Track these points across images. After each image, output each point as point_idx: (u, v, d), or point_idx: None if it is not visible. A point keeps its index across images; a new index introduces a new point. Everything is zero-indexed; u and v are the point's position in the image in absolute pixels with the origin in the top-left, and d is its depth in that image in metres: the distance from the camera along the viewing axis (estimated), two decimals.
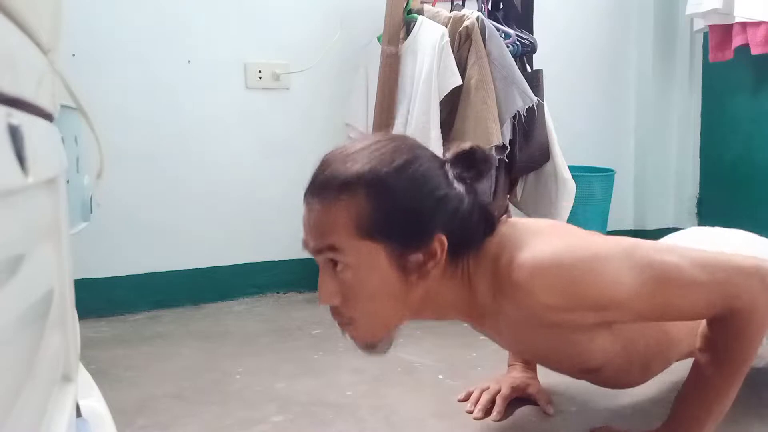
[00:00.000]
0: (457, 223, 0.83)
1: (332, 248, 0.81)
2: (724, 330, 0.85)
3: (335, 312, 0.87)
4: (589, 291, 0.80)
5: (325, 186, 0.82)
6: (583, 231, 0.91)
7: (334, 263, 0.82)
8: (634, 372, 0.98)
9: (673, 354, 1.01)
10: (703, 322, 0.88)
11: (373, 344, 0.90)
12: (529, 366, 1.20)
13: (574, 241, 0.84)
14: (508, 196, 1.89)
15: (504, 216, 0.89)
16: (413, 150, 0.84)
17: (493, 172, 1.72)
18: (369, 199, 0.79)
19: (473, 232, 0.85)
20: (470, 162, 0.86)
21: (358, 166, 0.81)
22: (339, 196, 0.80)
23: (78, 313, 0.63)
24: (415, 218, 0.81)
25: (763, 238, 1.19)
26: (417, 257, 0.82)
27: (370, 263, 0.81)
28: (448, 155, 0.87)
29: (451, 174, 0.85)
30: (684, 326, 0.97)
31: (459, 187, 0.84)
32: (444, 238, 0.82)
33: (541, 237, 0.84)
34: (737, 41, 2.19)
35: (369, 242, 0.80)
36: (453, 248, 0.83)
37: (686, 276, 0.81)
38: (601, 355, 0.91)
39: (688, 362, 0.91)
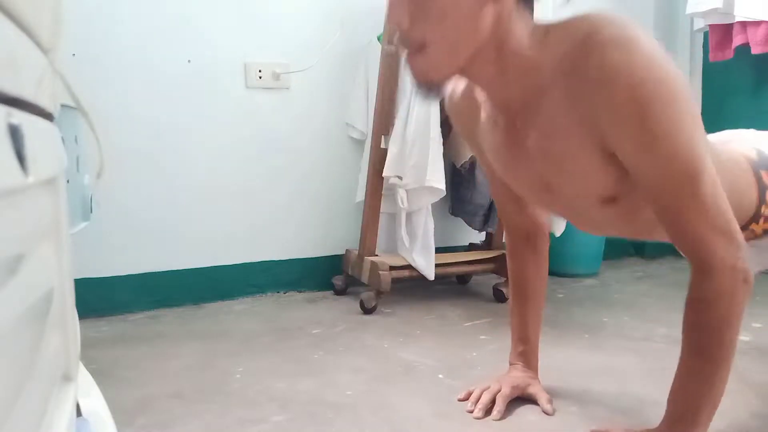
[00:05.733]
0: None
1: None
2: (700, 312, 0.85)
3: (404, 36, 0.83)
4: (655, 107, 0.77)
5: None
6: None
7: None
8: (648, 216, 0.93)
9: None
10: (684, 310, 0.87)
11: (435, 79, 0.86)
12: (530, 366, 1.20)
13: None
14: None
15: None
16: None
17: None
18: None
19: None
20: None
21: None
22: None
23: (78, 313, 0.63)
24: None
25: None
26: None
27: None
28: None
29: None
30: None
31: None
32: None
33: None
34: (737, 41, 2.20)
35: None
36: None
37: (705, 195, 0.81)
38: (616, 185, 0.89)
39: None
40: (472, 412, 1.12)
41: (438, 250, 1.93)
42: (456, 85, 1.07)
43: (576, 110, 0.83)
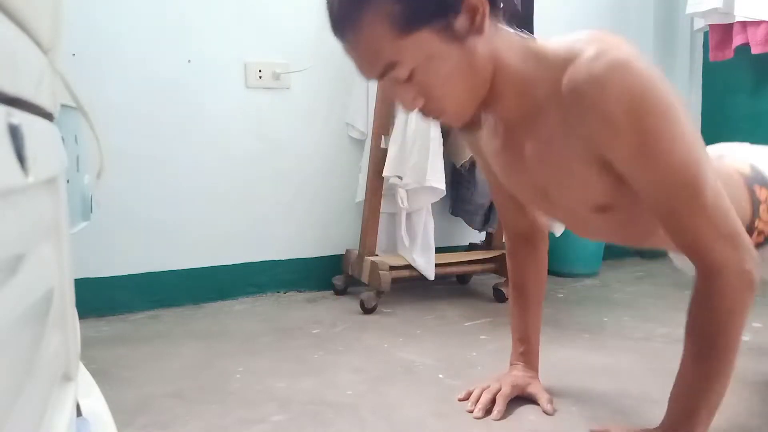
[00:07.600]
0: None
1: (390, 65, 0.82)
2: (704, 312, 0.85)
3: (424, 112, 0.89)
4: (651, 119, 0.79)
5: (345, 12, 0.83)
6: None
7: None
8: (643, 224, 0.96)
9: None
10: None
11: (468, 123, 0.91)
12: (531, 365, 1.20)
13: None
14: None
15: None
16: None
17: None
18: None
19: None
20: None
21: None
22: (362, 13, 0.81)
23: (78, 313, 0.63)
24: None
25: None
26: (462, 20, 0.82)
27: (429, 53, 0.81)
28: None
29: None
30: None
31: None
32: None
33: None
34: (737, 40, 2.20)
35: (414, 35, 0.80)
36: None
37: (706, 198, 0.82)
38: (612, 194, 0.90)
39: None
40: (472, 411, 1.12)
41: (438, 250, 1.93)
42: None
43: (571, 125, 0.85)
